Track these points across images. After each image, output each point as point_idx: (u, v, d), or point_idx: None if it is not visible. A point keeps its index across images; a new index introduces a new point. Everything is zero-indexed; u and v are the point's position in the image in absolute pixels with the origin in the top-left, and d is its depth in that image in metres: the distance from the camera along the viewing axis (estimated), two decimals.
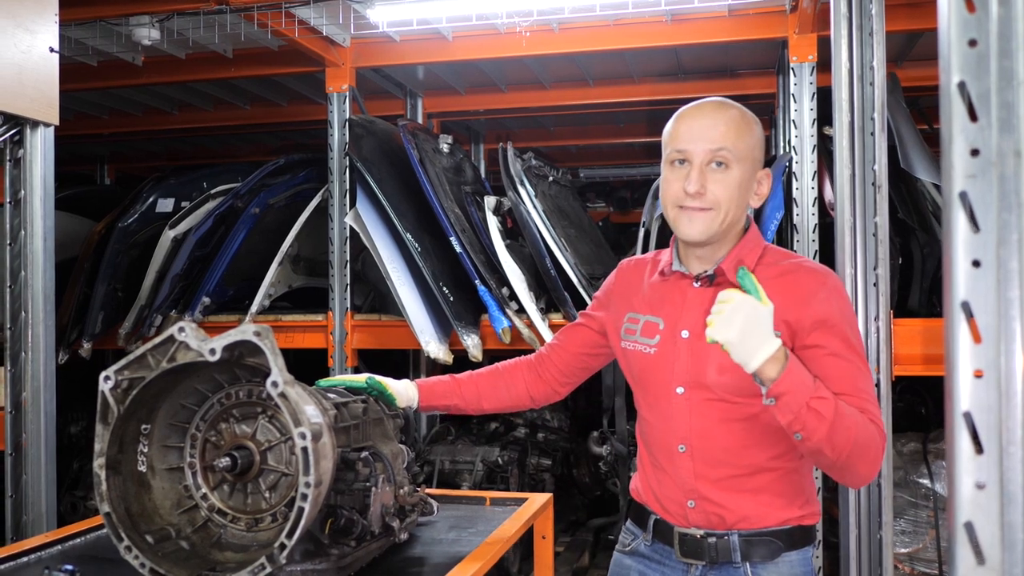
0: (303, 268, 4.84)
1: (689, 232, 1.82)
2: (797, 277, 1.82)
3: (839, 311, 1.78)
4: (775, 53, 4.69)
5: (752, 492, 1.86)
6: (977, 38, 1.13)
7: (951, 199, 1.15)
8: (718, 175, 1.79)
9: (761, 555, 1.86)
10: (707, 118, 1.83)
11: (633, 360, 1.97)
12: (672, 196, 1.84)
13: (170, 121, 5.86)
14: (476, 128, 6.33)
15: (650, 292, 1.97)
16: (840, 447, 1.66)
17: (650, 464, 1.97)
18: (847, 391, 1.72)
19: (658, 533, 1.96)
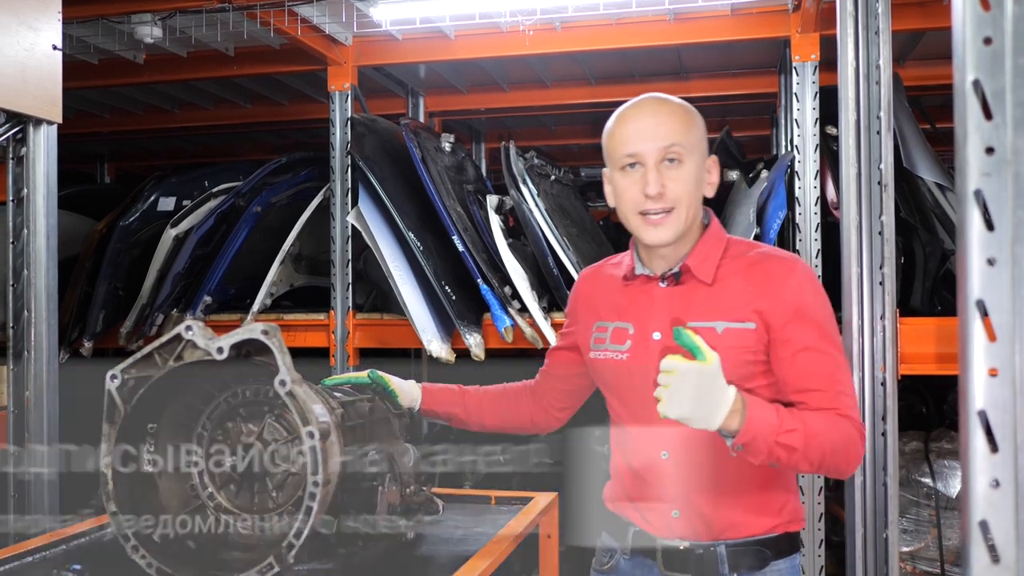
0: (305, 267, 4.83)
1: (656, 238, 1.77)
2: (767, 266, 1.78)
3: (812, 299, 1.75)
4: (777, 52, 4.68)
5: (738, 498, 1.81)
6: (992, 36, 1.13)
7: (966, 197, 1.14)
8: (673, 172, 1.75)
9: (749, 565, 1.81)
10: (652, 116, 1.77)
11: (605, 369, 1.91)
12: (631, 203, 1.78)
13: (171, 120, 5.85)
14: (477, 127, 6.32)
15: (616, 298, 1.91)
16: (815, 461, 1.67)
17: (628, 474, 1.90)
18: (821, 386, 1.71)
19: (638, 546, 1.89)
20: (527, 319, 4.09)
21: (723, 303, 1.77)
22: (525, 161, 4.46)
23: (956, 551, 4.17)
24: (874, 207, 2.54)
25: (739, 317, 1.75)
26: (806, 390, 1.72)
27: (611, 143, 1.81)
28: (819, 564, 3.83)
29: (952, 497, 4.15)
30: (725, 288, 1.78)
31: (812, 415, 1.68)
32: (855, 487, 2.63)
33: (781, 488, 1.85)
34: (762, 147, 6.14)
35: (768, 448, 1.60)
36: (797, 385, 1.73)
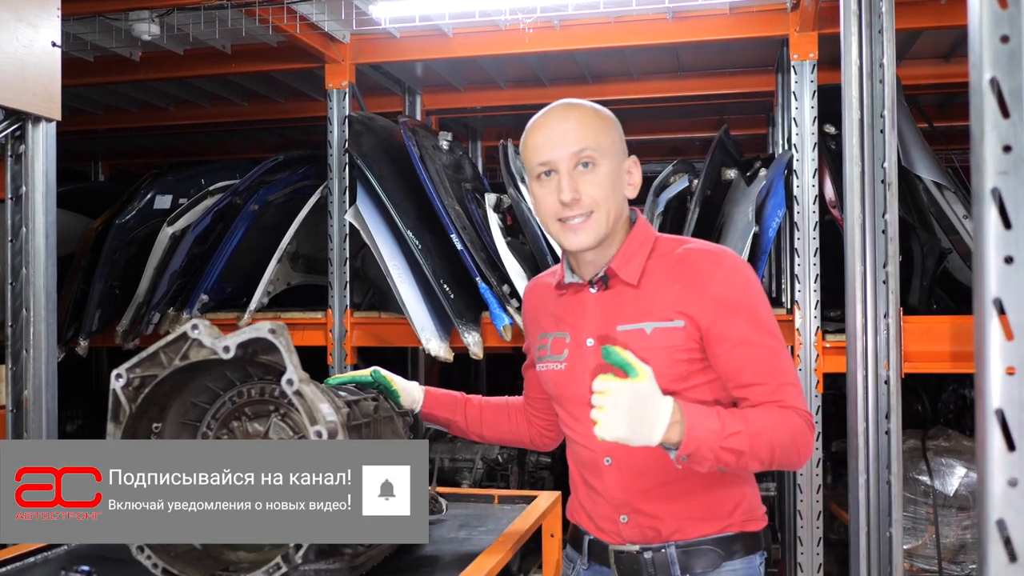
0: (302, 265, 4.82)
1: (577, 243, 1.76)
2: (692, 263, 1.76)
3: (741, 290, 1.73)
4: (774, 51, 4.69)
5: (685, 499, 1.79)
6: (1009, 34, 1.12)
7: (982, 195, 1.14)
8: (588, 176, 1.74)
9: (701, 566, 1.79)
10: (561, 123, 1.76)
11: (548, 380, 1.91)
12: (549, 211, 1.77)
13: (166, 117, 5.83)
14: (473, 125, 6.31)
15: (553, 308, 1.92)
16: (765, 460, 1.65)
17: (581, 483, 1.90)
18: (762, 379, 1.70)
19: (593, 554, 1.89)
20: None
21: (650, 303, 1.76)
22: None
23: (953, 549, 4.19)
24: (877, 206, 2.54)
25: (667, 316, 1.74)
26: (747, 385, 1.71)
27: (525, 153, 1.81)
28: (818, 562, 3.83)
29: (950, 495, 4.16)
30: (651, 288, 1.77)
31: (756, 413, 1.66)
32: (859, 485, 2.63)
33: (732, 485, 1.82)
34: (758, 146, 6.15)
35: (714, 455, 1.59)
36: (738, 381, 1.72)
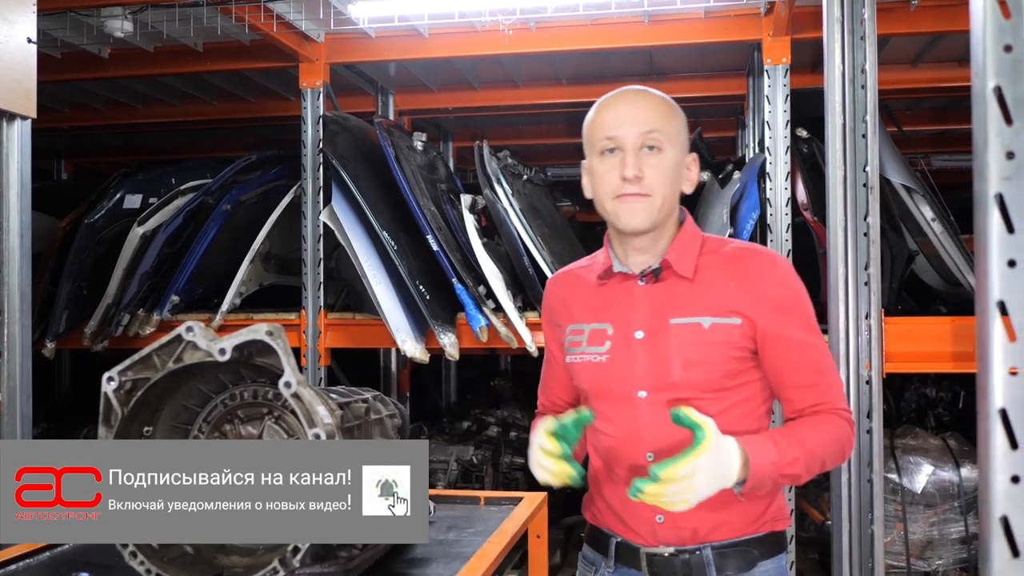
0: (274, 266, 4.78)
1: (631, 222, 1.73)
2: (747, 262, 1.76)
3: (794, 291, 1.75)
4: (746, 55, 4.74)
5: (724, 499, 1.71)
6: (1013, 43, 1.15)
7: (986, 201, 1.17)
8: (652, 159, 1.71)
9: (736, 567, 1.77)
10: (633, 104, 1.75)
11: (583, 372, 1.84)
12: (609, 187, 1.74)
13: (134, 115, 5.75)
14: (445, 126, 6.31)
15: (590, 299, 1.85)
16: (816, 472, 1.69)
17: (610, 482, 1.82)
18: (813, 381, 1.73)
19: (621, 557, 1.83)
20: (502, 318, 4.10)
21: (706, 298, 1.74)
22: (499, 161, 4.46)
23: (921, 545, 4.26)
24: (859, 209, 2.58)
25: (723, 312, 1.72)
26: (798, 386, 1.73)
27: (590, 130, 1.78)
28: (790, 559, 3.88)
29: (917, 492, 4.24)
30: (706, 283, 1.76)
31: (808, 429, 1.68)
32: (841, 483, 2.67)
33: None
34: (728, 148, 6.21)
35: (773, 482, 1.63)
36: (789, 382, 1.74)
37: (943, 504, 4.20)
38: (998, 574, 1.16)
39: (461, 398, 6.61)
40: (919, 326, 3.23)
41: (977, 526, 4.27)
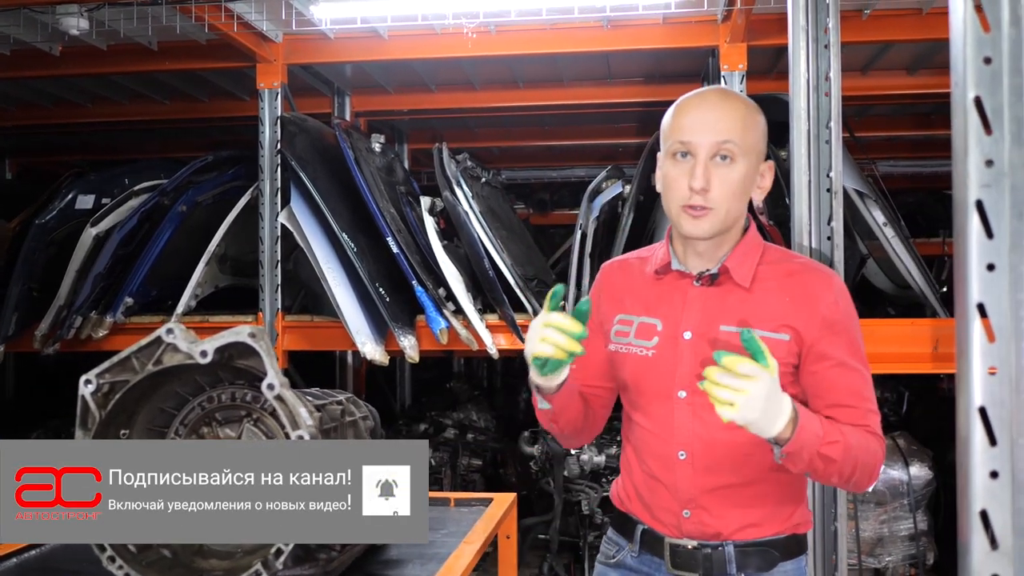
0: (230, 268, 4.73)
1: (696, 230, 1.72)
2: (804, 279, 1.77)
3: (846, 313, 1.76)
4: (701, 61, 4.81)
5: (750, 502, 1.79)
6: (992, 56, 1.20)
7: (966, 207, 1.22)
8: (723, 170, 1.70)
9: (756, 566, 1.78)
10: (713, 110, 1.73)
11: (626, 364, 1.84)
12: (677, 194, 1.72)
13: (83, 114, 5.62)
14: (401, 127, 6.30)
15: (644, 292, 1.86)
16: (847, 476, 1.69)
17: (640, 472, 1.86)
18: (851, 402, 1.73)
19: (646, 544, 1.86)
20: (462, 321, 4.10)
21: (759, 310, 1.75)
22: (458, 163, 4.47)
23: (872, 542, 4.37)
24: (823, 213, 2.65)
25: (774, 327, 1.73)
26: (837, 405, 1.73)
27: (668, 129, 1.77)
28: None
29: (868, 491, 4.34)
30: (761, 295, 1.76)
31: (850, 430, 1.69)
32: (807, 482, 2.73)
33: (794, 491, 1.85)
34: None
35: (810, 458, 1.62)
36: (829, 400, 1.74)
37: (893, 502, 4.31)
38: (977, 566, 1.21)
39: (416, 400, 6.60)
40: (879, 328, 3.32)
41: (925, 523, 4.40)
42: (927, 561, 4.36)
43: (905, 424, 5.42)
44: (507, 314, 4.08)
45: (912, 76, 4.92)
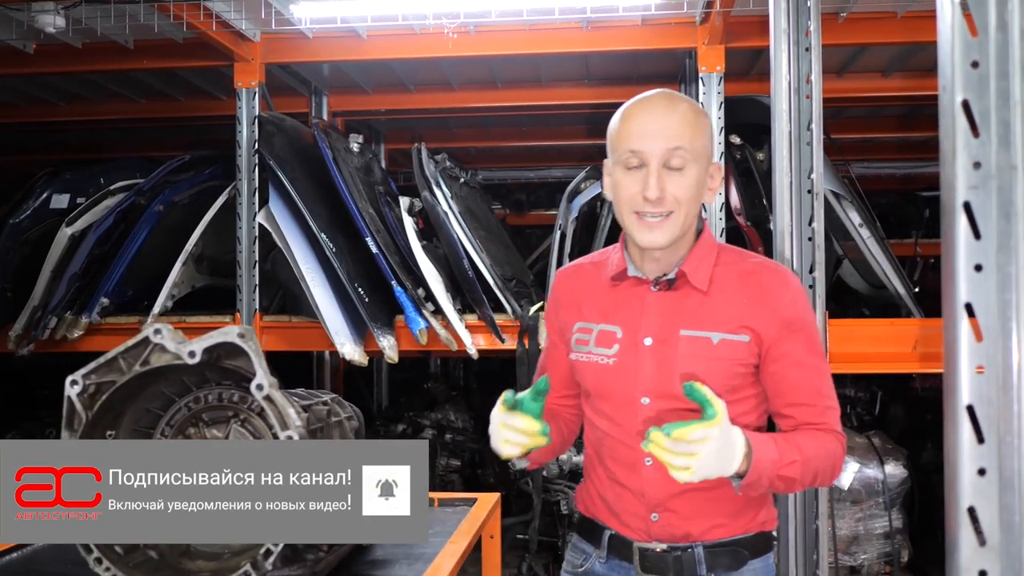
0: (207, 268, 4.70)
1: (651, 240, 1.71)
2: (761, 279, 1.76)
3: (804, 313, 1.77)
4: (679, 62, 4.84)
5: (718, 503, 1.78)
6: (979, 60, 1.22)
7: (954, 208, 1.23)
8: (676, 176, 1.68)
9: (726, 565, 1.79)
10: (662, 117, 1.70)
11: (588, 372, 1.83)
12: (629, 201, 1.71)
13: (56, 113, 5.56)
14: (378, 127, 6.28)
15: (601, 299, 1.84)
16: (807, 484, 1.71)
17: (606, 478, 1.85)
18: (809, 400, 1.74)
19: (614, 549, 1.85)
20: (441, 321, 4.10)
21: (718, 313, 1.74)
22: (436, 164, 4.47)
23: (847, 540, 4.41)
24: (804, 214, 2.67)
25: (734, 328, 1.73)
26: (796, 404, 1.75)
27: (615, 138, 1.74)
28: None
29: (844, 489, 4.38)
30: (719, 297, 1.76)
31: (806, 439, 1.70)
32: None
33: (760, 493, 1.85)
34: None
35: (769, 482, 1.63)
36: (788, 399, 1.76)
37: (868, 500, 4.36)
38: (966, 561, 1.23)
39: (394, 401, 6.58)
40: (858, 328, 3.36)
41: (900, 521, 4.45)
42: (902, 559, 4.41)
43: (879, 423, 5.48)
44: (486, 314, 4.08)
45: (887, 79, 4.97)
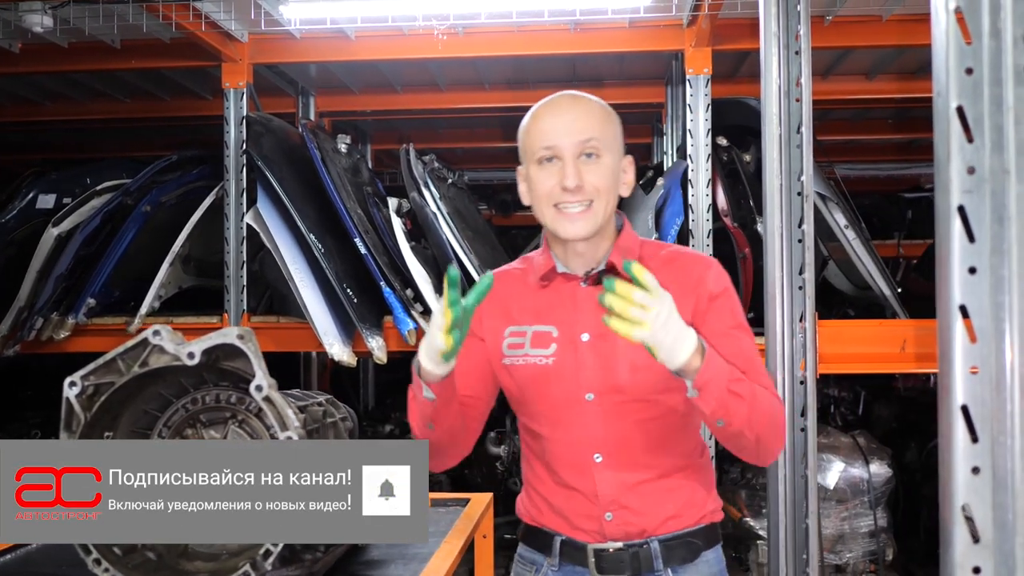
0: (194, 268, 4.68)
1: (573, 231, 1.71)
2: (684, 263, 1.80)
3: (726, 288, 1.78)
4: (664, 64, 4.88)
5: (668, 495, 1.79)
6: (973, 66, 1.24)
7: (948, 212, 1.26)
8: (591, 165, 1.71)
9: (681, 558, 1.79)
10: (570, 111, 1.76)
11: (525, 375, 1.80)
12: (547, 194, 1.73)
13: (41, 112, 5.53)
14: (364, 128, 6.29)
15: (531, 301, 1.82)
16: (757, 425, 1.67)
17: (552, 483, 1.81)
18: (744, 366, 1.72)
19: (567, 555, 1.81)
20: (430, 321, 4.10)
21: None
22: (424, 165, 4.48)
23: (833, 539, 4.45)
24: (794, 216, 2.70)
25: None
26: None
27: (527, 138, 1.77)
28: None
29: (830, 488, 4.42)
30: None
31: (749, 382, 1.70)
32: (777, 480, 2.78)
33: (706, 478, 1.87)
34: (641, 154, 6.35)
35: (720, 394, 1.60)
36: None
37: (853, 499, 4.40)
38: (960, 558, 1.26)
39: (380, 401, 6.58)
40: (847, 328, 3.40)
41: (884, 520, 4.49)
42: (886, 557, 4.46)
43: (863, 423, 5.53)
44: None
45: (871, 81, 5.02)
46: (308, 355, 5.66)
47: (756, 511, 4.51)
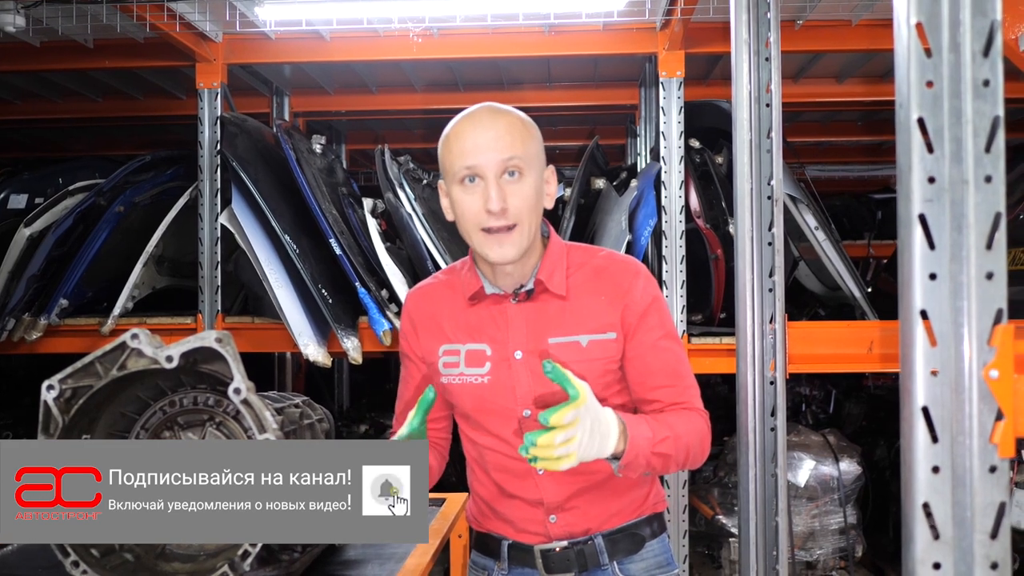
0: (167, 269, 4.67)
1: (501, 255, 1.70)
2: (612, 274, 1.79)
3: (653, 298, 1.79)
4: (638, 67, 4.92)
5: (611, 493, 1.82)
6: (933, 79, 1.29)
7: (910, 220, 1.30)
8: (514, 186, 1.68)
9: (626, 550, 1.83)
10: (490, 128, 1.69)
11: (463, 393, 1.80)
12: (474, 219, 1.70)
13: (11, 111, 5.48)
14: (339, 128, 6.29)
15: (462, 318, 1.82)
16: (681, 462, 1.73)
17: (496, 491, 1.84)
18: (672, 382, 1.77)
19: (514, 558, 1.85)
20: None
21: (581, 316, 1.76)
22: (399, 165, 4.49)
23: (804, 536, 4.52)
24: (764, 219, 2.74)
25: (599, 328, 1.75)
26: (659, 387, 1.78)
27: (448, 157, 1.72)
28: (683, 553, 4.06)
29: (800, 486, 4.49)
30: (579, 300, 1.77)
31: (675, 418, 1.73)
32: (748, 479, 2.83)
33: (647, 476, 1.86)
34: (616, 156, 6.40)
35: (646, 460, 1.64)
36: (649, 384, 1.78)
37: (824, 497, 4.47)
38: (921, 554, 1.30)
39: (355, 401, 6.59)
40: (816, 330, 3.46)
41: (854, 517, 4.56)
42: (856, 553, 4.53)
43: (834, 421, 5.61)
44: None
45: (840, 84, 5.10)
46: (283, 355, 5.66)
47: (728, 509, 4.58)
